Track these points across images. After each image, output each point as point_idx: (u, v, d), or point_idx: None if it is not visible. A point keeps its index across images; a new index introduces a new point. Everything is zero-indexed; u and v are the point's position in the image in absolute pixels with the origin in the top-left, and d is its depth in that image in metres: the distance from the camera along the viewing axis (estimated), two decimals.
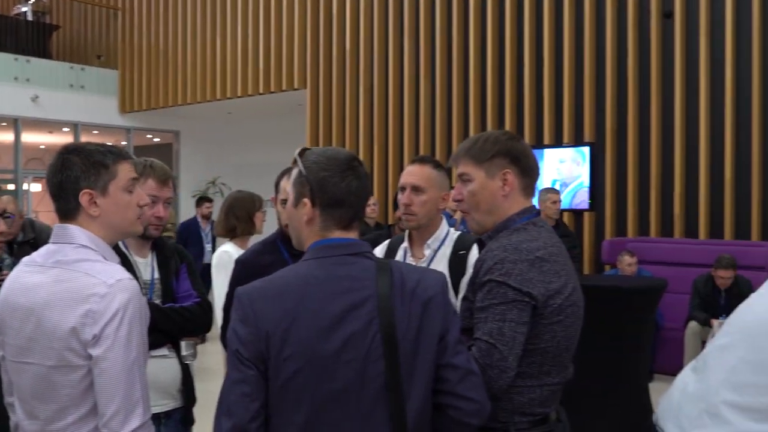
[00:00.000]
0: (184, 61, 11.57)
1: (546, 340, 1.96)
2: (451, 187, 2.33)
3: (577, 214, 8.15)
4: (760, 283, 1.91)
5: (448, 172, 2.79)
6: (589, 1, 8.05)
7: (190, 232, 9.01)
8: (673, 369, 4.04)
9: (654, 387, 5.46)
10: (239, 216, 4.07)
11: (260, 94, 10.64)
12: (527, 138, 8.19)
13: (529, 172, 2.10)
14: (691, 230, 7.59)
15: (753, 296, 1.87)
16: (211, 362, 5.72)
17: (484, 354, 1.86)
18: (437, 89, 9.10)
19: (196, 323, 2.70)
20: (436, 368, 1.70)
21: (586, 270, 8.09)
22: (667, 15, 7.68)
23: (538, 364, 1.97)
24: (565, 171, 7.99)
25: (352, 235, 1.75)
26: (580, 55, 8.16)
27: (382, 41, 9.55)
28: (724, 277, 6.50)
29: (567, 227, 7.19)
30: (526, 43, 8.44)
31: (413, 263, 2.24)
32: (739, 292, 6.27)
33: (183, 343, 2.67)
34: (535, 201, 2.18)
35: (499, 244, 1.99)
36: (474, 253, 2.65)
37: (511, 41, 8.56)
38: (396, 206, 5.28)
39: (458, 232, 2.75)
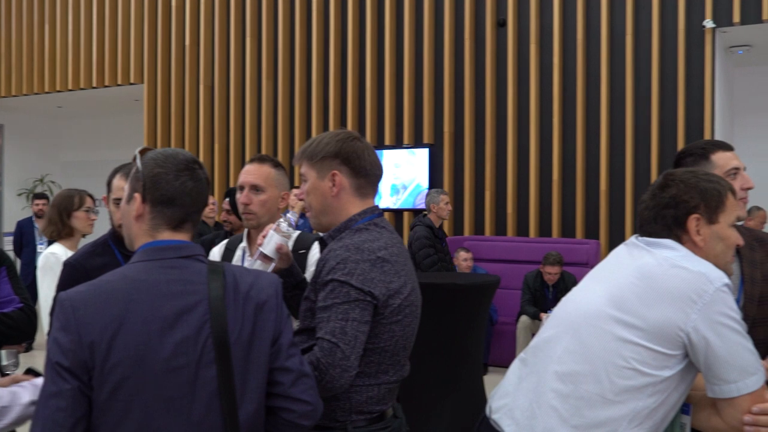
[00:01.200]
0: (8, 48, 10.81)
1: (385, 339, 1.98)
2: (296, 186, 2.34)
3: (417, 214, 8.36)
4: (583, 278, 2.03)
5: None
6: (428, 9, 8.29)
7: (23, 232, 8.47)
8: (506, 362, 4.21)
9: (489, 380, 5.69)
10: (55, 215, 3.83)
11: (93, 87, 10.12)
12: (369, 139, 8.31)
13: (361, 172, 2.10)
14: (522, 229, 7.99)
15: (575, 290, 1.99)
16: None
17: (327, 353, 1.86)
18: (279, 89, 9.04)
19: (18, 330, 2.54)
20: (269, 372, 1.68)
21: None
22: (500, 23, 8.04)
23: (377, 363, 1.99)
24: (401, 173, 8.18)
25: (183, 237, 1.70)
26: (420, 60, 8.38)
27: (224, 38, 9.37)
28: (551, 273, 6.87)
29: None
30: (368, 47, 8.56)
31: (251, 262, 2.21)
32: (565, 287, 6.66)
33: (3, 352, 2.49)
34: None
35: (341, 243, 1.99)
36: (314, 252, 2.65)
37: (353, 44, 8.65)
38: (234, 207, 5.19)
39: (298, 232, 2.74)
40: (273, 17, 9.13)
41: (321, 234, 2.20)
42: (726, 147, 2.43)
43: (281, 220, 2.24)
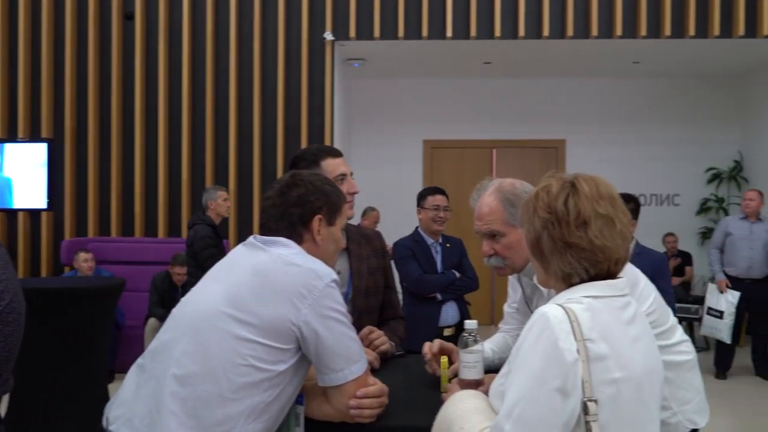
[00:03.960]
0: None
1: None
2: None
3: (33, 213, 7.69)
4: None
5: None
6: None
7: None
8: None
9: (115, 387, 5.44)
10: None
11: None
12: None
13: None
14: (150, 229, 7.78)
15: (193, 290, 1.96)
16: None
17: None
18: None
19: None
20: None
21: (44, 272, 7.69)
22: (128, 16, 7.74)
23: None
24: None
25: None
26: (37, 48, 7.72)
27: None
28: (179, 273, 6.80)
29: None
30: None
31: None
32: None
33: None
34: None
35: None
36: None
37: None
38: None
39: None
40: None
41: None
42: (335, 153, 2.61)
43: None
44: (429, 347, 2.31)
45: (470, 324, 2.06)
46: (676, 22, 7.52)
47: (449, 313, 4.65)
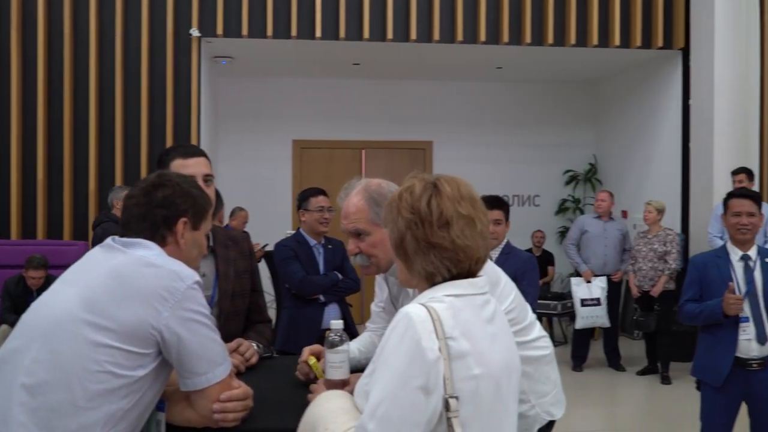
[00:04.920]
0: None
1: None
2: None
3: None
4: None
5: None
6: None
7: None
8: None
9: None
10: None
11: None
12: None
13: None
14: (3, 231, 7.33)
15: (45, 294, 1.86)
16: None
17: None
18: None
19: None
20: None
21: None
22: None
23: None
24: None
25: None
26: None
27: None
28: (35, 277, 6.46)
29: None
30: None
31: None
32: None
33: None
34: None
35: None
36: None
37: None
38: None
39: None
40: None
41: None
42: (187, 154, 2.52)
43: None
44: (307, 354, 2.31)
45: (336, 324, 2.07)
46: (535, 30, 7.85)
47: (332, 314, 4.63)
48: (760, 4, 7.69)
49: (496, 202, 4.31)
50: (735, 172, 6.93)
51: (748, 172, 6.90)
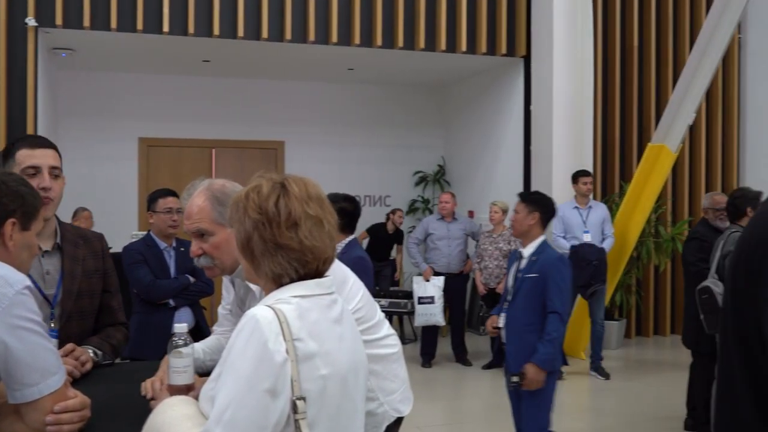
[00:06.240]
0: None
1: None
2: None
3: None
4: None
5: None
6: None
7: None
8: None
9: None
10: None
11: None
12: None
13: None
14: None
15: None
16: None
17: None
18: None
19: None
20: None
21: None
22: None
23: None
24: None
25: None
26: None
27: None
28: None
29: None
30: None
31: None
32: None
33: None
34: None
35: None
36: None
37: None
38: None
39: None
40: None
41: None
42: (34, 144, 2.40)
43: None
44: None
45: (180, 327, 2.01)
46: (386, 33, 7.98)
47: (183, 318, 4.50)
48: (594, 23, 8.20)
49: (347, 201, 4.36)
50: (582, 174, 7.38)
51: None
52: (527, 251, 4.10)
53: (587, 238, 7.23)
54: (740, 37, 9.25)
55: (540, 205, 4.13)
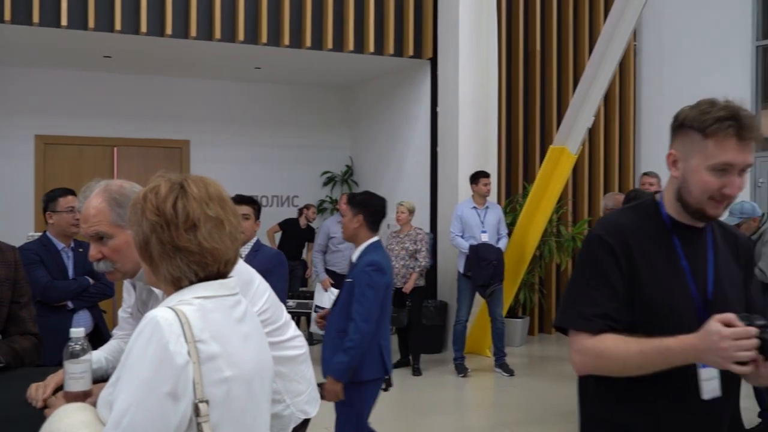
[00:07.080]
0: None
1: None
2: None
3: None
4: None
5: None
6: None
7: None
8: None
9: None
10: None
11: None
12: None
13: None
14: None
15: None
16: None
17: None
18: None
19: None
20: None
21: None
22: None
23: None
24: None
25: None
26: None
27: None
28: None
29: None
30: None
31: None
32: None
33: None
34: None
35: None
36: None
37: None
38: None
39: None
40: None
41: None
42: None
43: None
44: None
45: (76, 332, 1.94)
46: (294, 32, 7.94)
47: (82, 321, 4.35)
48: (498, 28, 8.40)
49: (245, 199, 4.35)
50: (482, 176, 7.51)
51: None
52: (354, 255, 3.92)
53: (485, 237, 7.40)
54: (635, 45, 9.64)
55: (363, 207, 3.92)
